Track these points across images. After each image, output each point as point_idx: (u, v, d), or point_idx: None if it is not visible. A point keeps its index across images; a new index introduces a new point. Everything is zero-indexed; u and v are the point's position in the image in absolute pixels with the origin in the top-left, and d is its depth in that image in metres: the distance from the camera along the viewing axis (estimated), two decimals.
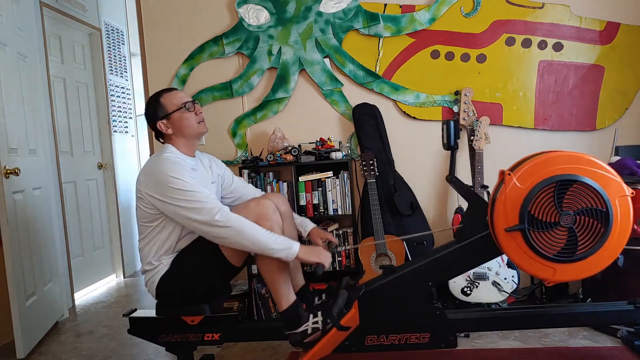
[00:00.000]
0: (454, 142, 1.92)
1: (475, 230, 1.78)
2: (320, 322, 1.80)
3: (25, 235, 2.72)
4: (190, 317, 1.93)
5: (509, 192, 1.62)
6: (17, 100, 2.78)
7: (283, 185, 2.87)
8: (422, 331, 1.82)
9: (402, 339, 1.83)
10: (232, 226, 1.73)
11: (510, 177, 1.62)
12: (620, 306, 1.86)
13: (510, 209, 1.61)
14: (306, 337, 1.81)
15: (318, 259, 1.81)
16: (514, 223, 1.61)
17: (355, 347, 1.84)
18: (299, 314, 1.84)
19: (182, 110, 1.94)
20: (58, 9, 3.56)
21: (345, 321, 1.80)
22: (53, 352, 2.67)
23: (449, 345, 1.83)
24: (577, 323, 2.08)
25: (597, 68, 2.81)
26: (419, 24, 2.90)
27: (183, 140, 1.97)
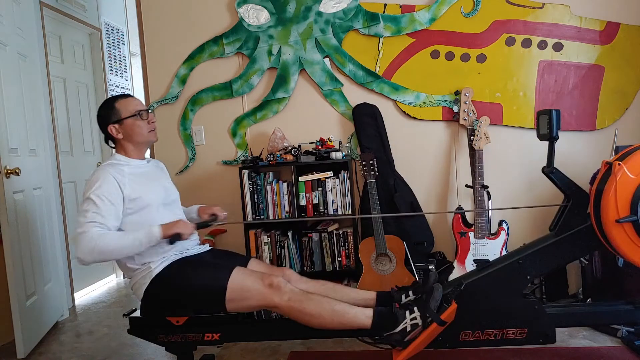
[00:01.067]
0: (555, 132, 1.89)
1: (575, 223, 1.75)
2: (418, 318, 1.75)
3: (25, 235, 2.72)
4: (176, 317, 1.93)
5: (620, 183, 1.58)
6: (17, 100, 2.78)
7: (283, 185, 2.87)
8: (519, 326, 1.79)
9: (499, 334, 1.80)
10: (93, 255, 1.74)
11: (621, 167, 1.58)
12: (620, 306, 1.86)
13: (621, 199, 1.57)
14: (406, 335, 1.75)
15: (176, 230, 1.83)
16: (624, 214, 1.57)
17: (449, 343, 1.81)
18: (394, 314, 1.79)
19: (136, 117, 1.98)
20: (58, 9, 3.56)
21: (445, 316, 1.75)
22: (53, 352, 2.67)
23: (547, 341, 1.79)
24: (577, 323, 2.08)
25: (597, 68, 2.81)
26: (419, 24, 2.90)
27: (132, 146, 2.02)
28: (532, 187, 2.87)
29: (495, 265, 1.84)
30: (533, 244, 1.88)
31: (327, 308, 1.80)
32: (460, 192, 2.96)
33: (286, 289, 1.81)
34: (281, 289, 1.81)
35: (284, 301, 1.80)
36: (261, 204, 2.88)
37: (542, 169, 1.90)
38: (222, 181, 3.17)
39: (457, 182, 2.97)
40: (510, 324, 1.80)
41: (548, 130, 1.88)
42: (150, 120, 2.03)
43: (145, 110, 2.01)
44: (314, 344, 2.47)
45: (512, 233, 2.76)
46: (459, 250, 2.71)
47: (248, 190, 2.89)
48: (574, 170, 2.65)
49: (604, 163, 1.65)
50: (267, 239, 2.87)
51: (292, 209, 2.86)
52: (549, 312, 1.82)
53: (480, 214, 2.67)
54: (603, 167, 1.67)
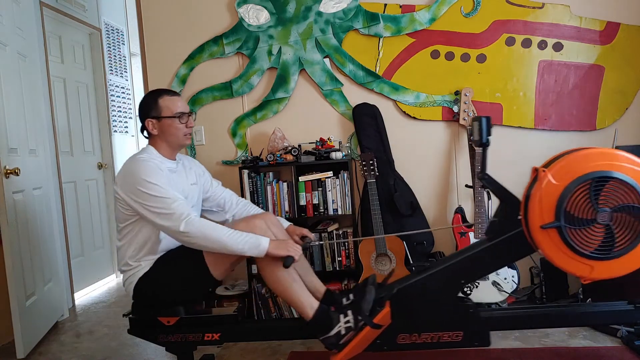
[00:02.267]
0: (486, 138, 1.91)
1: (508, 228, 1.77)
2: (352, 321, 1.79)
3: (25, 235, 2.72)
4: (167, 317, 1.93)
5: (545, 189, 1.60)
6: (17, 100, 2.78)
7: (283, 185, 2.87)
8: (455, 329, 1.81)
9: (435, 337, 1.82)
10: (198, 234, 1.75)
11: (545, 173, 1.60)
12: (620, 306, 1.86)
13: (545, 205, 1.60)
14: (341, 339, 1.79)
15: (287, 252, 1.81)
16: (549, 220, 1.59)
17: (387, 346, 1.82)
18: (329, 317, 1.82)
19: (174, 119, 1.95)
20: (58, 9, 3.56)
21: (378, 319, 1.78)
22: (53, 352, 2.67)
23: (483, 344, 1.81)
24: (577, 323, 2.08)
25: (597, 68, 2.81)
26: (419, 24, 2.90)
27: (164, 145, 1.99)
28: None
29: (431, 270, 1.86)
30: (468, 248, 1.90)
31: (287, 279, 1.84)
32: (460, 192, 2.96)
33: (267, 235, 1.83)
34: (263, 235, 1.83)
35: None
36: (261, 204, 2.88)
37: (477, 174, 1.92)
38: (222, 181, 3.10)
39: (457, 182, 2.97)
40: (446, 327, 1.82)
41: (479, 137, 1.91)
42: (189, 124, 2.00)
43: (186, 114, 1.98)
44: (314, 344, 2.47)
45: None
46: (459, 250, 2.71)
47: (248, 190, 2.89)
48: None
49: (533, 169, 1.67)
50: None
51: (292, 209, 2.86)
52: (484, 316, 1.84)
53: (480, 214, 2.67)
54: (532, 173, 1.69)
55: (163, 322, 1.93)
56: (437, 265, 1.88)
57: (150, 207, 1.78)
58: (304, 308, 1.85)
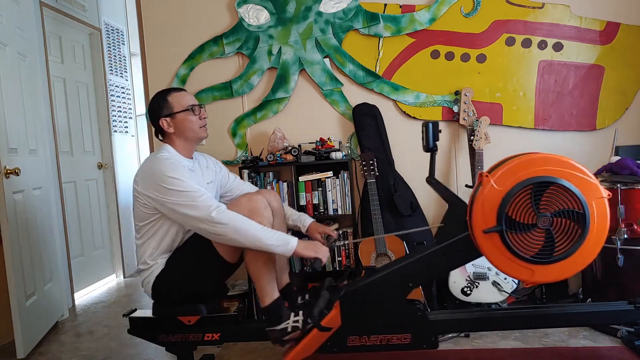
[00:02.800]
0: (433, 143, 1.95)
1: (455, 232, 1.79)
2: (300, 322, 1.82)
3: (25, 235, 2.72)
4: (187, 317, 1.93)
5: (487, 194, 1.63)
6: (17, 100, 2.78)
7: (283, 185, 2.87)
8: (403, 332, 1.82)
9: (384, 339, 1.83)
10: (228, 224, 1.74)
11: (488, 178, 1.63)
12: (620, 306, 1.86)
13: (488, 210, 1.62)
14: (285, 335, 1.82)
15: (315, 254, 1.82)
16: (492, 224, 1.62)
17: (337, 348, 1.84)
18: (281, 312, 1.85)
19: (188, 112, 1.96)
20: (58, 9, 3.56)
21: (326, 322, 1.80)
22: (53, 352, 2.67)
23: (430, 346, 1.83)
24: (577, 323, 2.08)
25: (597, 68, 2.81)
26: (419, 24, 2.90)
27: (182, 142, 1.98)
28: None
29: (380, 273, 1.87)
30: (417, 251, 1.91)
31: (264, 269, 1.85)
32: (460, 192, 2.96)
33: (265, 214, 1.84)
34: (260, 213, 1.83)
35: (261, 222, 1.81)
36: None
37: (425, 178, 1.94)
38: None
39: (457, 182, 2.97)
40: (394, 330, 1.83)
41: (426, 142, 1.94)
42: (202, 115, 2.00)
43: (197, 105, 1.99)
44: None
45: None
46: None
47: None
48: None
49: (479, 174, 1.69)
50: None
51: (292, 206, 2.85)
52: (432, 319, 1.85)
53: None
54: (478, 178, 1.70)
55: (184, 322, 1.93)
56: (386, 268, 1.89)
57: (176, 202, 1.78)
58: (264, 295, 1.86)
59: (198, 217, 1.76)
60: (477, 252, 1.72)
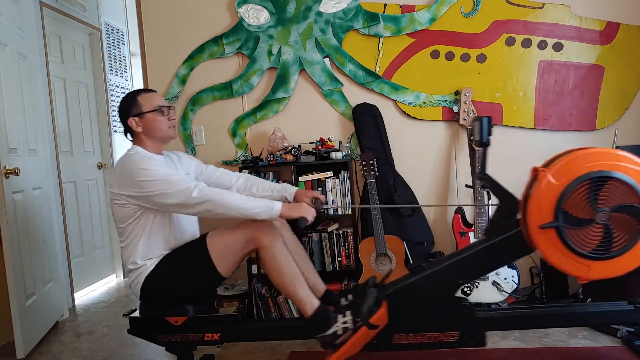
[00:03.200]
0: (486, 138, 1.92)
1: (506, 228, 1.77)
2: (350, 322, 1.79)
3: (25, 235, 2.72)
4: (174, 317, 1.93)
5: (543, 189, 1.60)
6: (17, 100, 2.78)
7: None
8: (451, 329, 1.81)
9: (431, 337, 1.81)
10: (211, 199, 1.76)
11: (544, 173, 1.60)
12: (620, 306, 1.86)
13: (544, 205, 1.59)
14: (337, 338, 1.79)
15: (301, 214, 1.83)
16: (548, 220, 1.59)
17: (383, 346, 1.82)
18: (327, 316, 1.82)
19: (157, 112, 1.98)
20: (58, 9, 3.56)
21: (374, 319, 1.78)
22: (53, 352, 2.67)
23: (478, 344, 1.81)
24: (577, 323, 2.08)
25: (597, 68, 2.81)
26: (419, 24, 2.90)
27: (150, 141, 2.01)
28: None
29: (428, 270, 1.86)
30: (466, 248, 1.90)
31: (293, 278, 1.85)
32: (460, 192, 2.96)
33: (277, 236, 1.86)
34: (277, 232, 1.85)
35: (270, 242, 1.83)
36: None
37: (477, 174, 1.92)
38: None
39: (457, 182, 2.97)
40: (442, 328, 1.82)
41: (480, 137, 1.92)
42: (171, 117, 2.03)
43: (166, 107, 2.01)
44: (314, 344, 2.46)
45: None
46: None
47: None
48: None
49: (533, 169, 1.67)
50: None
51: None
52: (480, 316, 1.84)
53: (480, 214, 2.67)
54: (532, 173, 1.69)
55: (171, 322, 1.93)
56: (434, 265, 1.87)
57: (155, 192, 1.79)
58: (304, 305, 1.85)
59: (181, 203, 1.78)
60: (528, 249, 1.70)
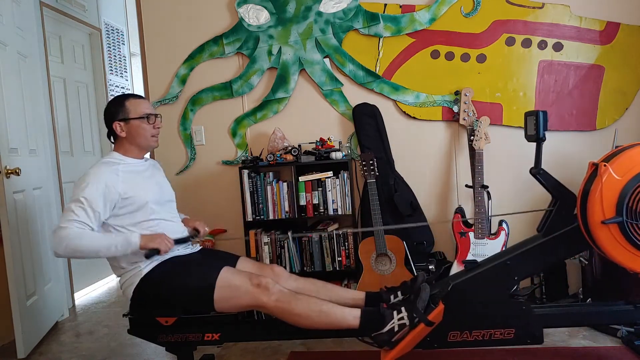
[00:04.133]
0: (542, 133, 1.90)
1: (563, 224, 1.75)
2: (406, 318, 1.76)
3: (25, 235, 2.72)
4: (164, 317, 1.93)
5: (605, 184, 1.58)
6: (17, 100, 2.78)
7: (283, 185, 2.87)
8: (507, 327, 1.79)
9: (487, 334, 1.80)
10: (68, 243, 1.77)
11: (606, 168, 1.58)
12: (620, 306, 1.86)
13: (606, 200, 1.57)
14: (394, 335, 1.75)
15: (156, 245, 1.84)
16: (610, 215, 1.57)
17: (437, 344, 1.82)
18: (381, 314, 1.79)
19: (143, 120, 1.99)
20: (58, 9, 3.56)
21: (432, 316, 1.75)
22: (53, 352, 2.67)
23: (535, 342, 1.80)
24: (577, 323, 2.08)
25: (597, 68, 2.81)
26: (419, 24, 2.90)
27: (132, 148, 2.03)
28: (533, 187, 2.87)
29: (483, 266, 1.85)
30: (521, 245, 1.89)
31: (314, 309, 1.81)
32: (460, 192, 2.96)
33: (274, 290, 1.82)
34: (269, 290, 1.81)
35: (272, 301, 1.80)
36: (261, 204, 2.88)
37: (530, 170, 1.90)
38: (222, 181, 3.17)
39: (457, 182, 2.97)
40: (497, 325, 1.80)
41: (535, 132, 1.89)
42: (156, 125, 2.03)
43: (153, 115, 2.02)
44: (314, 344, 2.47)
45: (512, 233, 2.75)
46: (459, 250, 2.71)
47: (248, 190, 2.89)
48: (574, 171, 2.66)
49: (591, 164, 1.66)
50: (267, 238, 2.87)
51: (292, 209, 2.86)
52: (537, 313, 1.82)
53: (480, 214, 2.67)
54: (590, 168, 1.67)
55: (161, 322, 1.93)
56: (489, 262, 1.86)
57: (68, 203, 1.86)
58: (347, 322, 1.81)
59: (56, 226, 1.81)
60: (586, 244, 1.69)
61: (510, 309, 1.81)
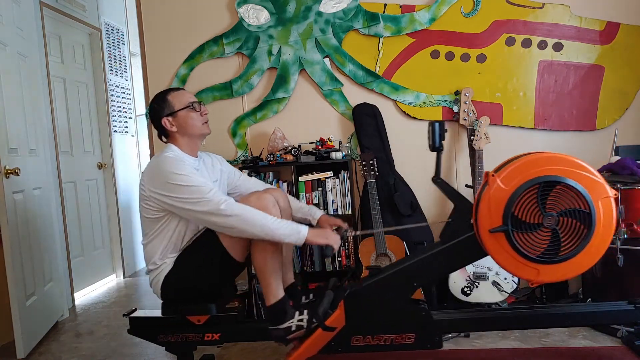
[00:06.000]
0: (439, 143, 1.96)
1: (460, 231, 1.79)
2: (305, 321, 1.82)
3: (25, 235, 2.72)
4: (197, 316, 1.93)
5: (493, 193, 1.62)
6: (17, 100, 2.78)
7: (283, 185, 2.87)
8: (407, 332, 1.82)
9: (388, 339, 1.83)
10: (238, 215, 1.75)
11: (494, 178, 1.63)
12: (620, 306, 1.86)
13: (494, 210, 1.62)
14: (289, 334, 1.82)
15: (327, 241, 1.83)
16: (497, 224, 1.61)
17: (341, 348, 1.84)
18: (285, 310, 1.84)
19: (189, 109, 1.97)
20: (58, 9, 3.56)
21: (330, 321, 1.80)
22: (53, 352, 2.67)
23: (435, 346, 1.83)
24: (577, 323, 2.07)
25: (597, 68, 2.81)
26: (419, 24, 2.90)
27: (186, 140, 1.99)
28: None
29: (385, 272, 1.87)
30: (422, 251, 1.91)
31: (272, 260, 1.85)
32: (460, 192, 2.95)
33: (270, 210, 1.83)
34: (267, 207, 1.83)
35: None
36: None
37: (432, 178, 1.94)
38: None
39: (457, 182, 2.97)
40: (399, 330, 1.83)
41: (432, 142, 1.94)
42: (203, 112, 2.02)
43: (197, 102, 2.00)
44: None
45: None
46: None
47: None
48: None
49: (485, 173, 1.69)
50: None
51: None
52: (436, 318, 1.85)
53: None
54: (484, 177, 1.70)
55: (193, 322, 1.93)
56: (391, 268, 1.89)
57: (185, 198, 1.78)
58: (269, 293, 1.86)
59: (208, 211, 1.76)
60: (482, 252, 1.72)
61: (410, 315, 1.83)
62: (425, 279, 1.91)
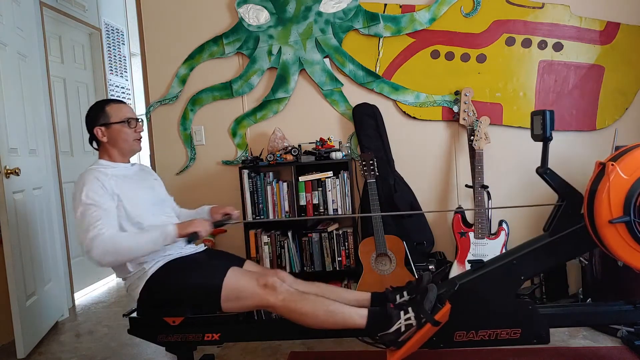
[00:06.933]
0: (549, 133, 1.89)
1: (569, 224, 1.76)
2: (413, 318, 1.75)
3: (25, 235, 2.72)
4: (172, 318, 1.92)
5: (613, 183, 1.57)
6: (17, 100, 2.78)
7: (283, 185, 2.87)
8: (513, 327, 1.79)
9: (493, 334, 1.80)
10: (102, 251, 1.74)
11: (614, 167, 1.58)
12: (620, 306, 1.86)
13: (614, 200, 1.57)
14: (400, 335, 1.75)
15: (194, 229, 1.84)
16: (617, 215, 1.57)
17: (443, 343, 1.81)
18: (388, 314, 1.79)
19: (124, 124, 1.99)
20: (58, 9, 3.56)
21: (439, 316, 1.75)
22: (53, 352, 2.67)
23: (541, 341, 1.79)
24: (577, 323, 2.08)
25: (597, 68, 2.81)
26: (419, 24, 2.90)
27: (115, 152, 2.02)
28: (532, 187, 2.87)
29: (490, 266, 1.85)
30: (527, 244, 1.88)
31: (321, 308, 1.81)
32: (460, 192, 2.96)
33: (281, 289, 1.81)
34: (276, 289, 1.81)
35: (280, 301, 1.80)
36: (261, 204, 2.88)
37: (537, 169, 1.90)
38: (222, 181, 3.17)
39: (457, 182, 2.97)
40: (504, 325, 1.80)
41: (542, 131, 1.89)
42: (138, 129, 2.04)
43: (134, 119, 2.02)
44: (314, 344, 2.47)
45: (512, 233, 2.76)
46: (459, 250, 2.71)
47: (248, 190, 2.88)
48: (574, 171, 2.66)
49: (598, 163, 1.65)
50: (267, 239, 2.87)
51: (292, 209, 2.86)
52: (543, 313, 1.82)
53: (480, 214, 2.67)
54: (597, 168, 1.67)
55: (168, 322, 1.93)
56: (496, 262, 1.86)
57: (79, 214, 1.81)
58: (354, 321, 1.80)
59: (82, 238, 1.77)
60: (593, 244, 1.69)
61: (516, 309, 1.80)
62: (532, 272, 1.89)
